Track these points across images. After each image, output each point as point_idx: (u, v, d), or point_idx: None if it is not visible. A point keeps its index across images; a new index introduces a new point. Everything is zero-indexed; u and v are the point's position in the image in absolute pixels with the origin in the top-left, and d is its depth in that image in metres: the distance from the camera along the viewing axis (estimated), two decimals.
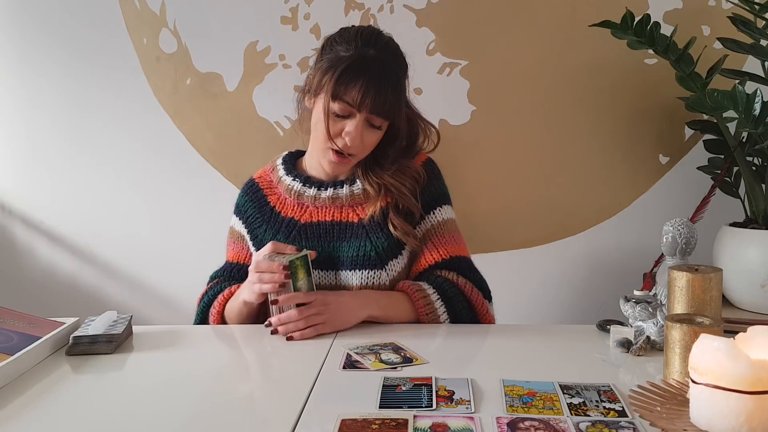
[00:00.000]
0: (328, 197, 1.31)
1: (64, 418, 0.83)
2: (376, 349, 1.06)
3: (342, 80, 1.20)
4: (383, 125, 1.26)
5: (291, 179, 1.34)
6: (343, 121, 1.23)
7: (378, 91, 1.20)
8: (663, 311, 1.04)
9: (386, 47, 1.26)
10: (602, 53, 1.77)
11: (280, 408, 0.86)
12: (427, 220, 1.31)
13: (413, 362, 1.00)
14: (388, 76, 1.22)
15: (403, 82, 1.28)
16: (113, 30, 1.85)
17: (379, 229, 1.28)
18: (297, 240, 1.29)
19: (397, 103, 1.23)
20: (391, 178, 1.29)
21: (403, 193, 1.29)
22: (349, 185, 1.32)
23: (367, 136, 1.25)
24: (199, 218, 1.89)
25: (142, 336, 1.16)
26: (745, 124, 1.48)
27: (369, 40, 1.24)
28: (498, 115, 1.82)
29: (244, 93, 1.85)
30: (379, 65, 1.21)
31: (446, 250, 1.29)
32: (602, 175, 1.84)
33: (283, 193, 1.34)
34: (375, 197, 1.29)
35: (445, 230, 1.32)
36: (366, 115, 1.22)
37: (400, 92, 1.25)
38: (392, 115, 1.24)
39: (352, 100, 1.20)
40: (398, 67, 1.26)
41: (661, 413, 0.75)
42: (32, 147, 1.91)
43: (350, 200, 1.31)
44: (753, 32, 1.53)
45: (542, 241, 1.86)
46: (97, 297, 1.92)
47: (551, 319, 1.87)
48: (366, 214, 1.29)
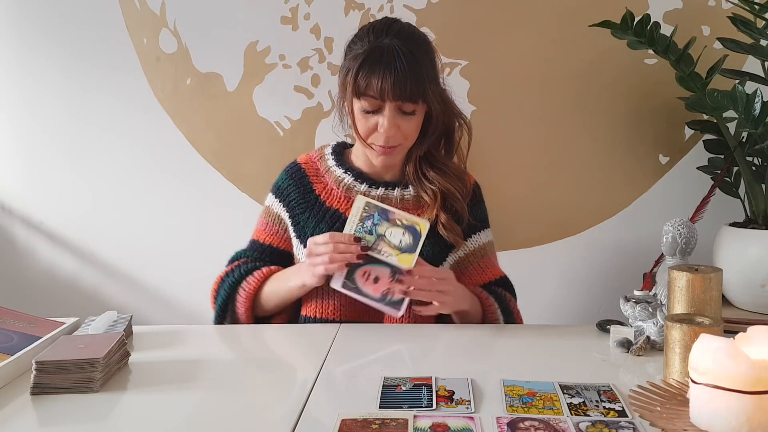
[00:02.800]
0: (377, 196, 1.30)
1: (65, 418, 0.84)
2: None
3: (361, 75, 1.20)
4: (417, 110, 1.24)
5: (342, 171, 1.34)
6: (375, 117, 1.23)
7: (398, 77, 1.18)
8: (663, 311, 1.04)
9: (399, 33, 1.24)
10: (602, 53, 1.77)
11: (280, 408, 0.86)
12: (473, 241, 1.36)
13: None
14: (406, 59, 1.19)
15: (426, 62, 1.25)
16: (113, 30, 1.85)
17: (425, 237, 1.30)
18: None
19: (421, 84, 1.21)
20: (445, 183, 1.31)
21: (456, 197, 1.31)
22: (401, 189, 1.32)
23: (403, 124, 1.23)
24: (200, 218, 1.89)
25: (142, 336, 1.16)
26: (745, 124, 1.48)
27: (382, 30, 1.24)
28: (498, 115, 1.82)
29: (244, 93, 1.85)
30: (394, 51, 1.20)
31: (495, 271, 1.39)
32: (602, 175, 1.84)
33: (331, 183, 1.34)
34: (432, 204, 1.30)
35: (490, 252, 1.40)
36: (394, 104, 1.21)
37: (422, 73, 1.22)
38: (419, 96, 1.22)
39: (375, 92, 1.19)
40: (415, 49, 1.23)
41: (661, 413, 0.75)
42: (32, 147, 1.91)
43: (399, 204, 1.30)
44: (753, 32, 1.53)
45: (542, 241, 1.86)
46: (97, 297, 1.92)
47: (551, 319, 1.87)
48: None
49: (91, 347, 0.94)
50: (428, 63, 1.25)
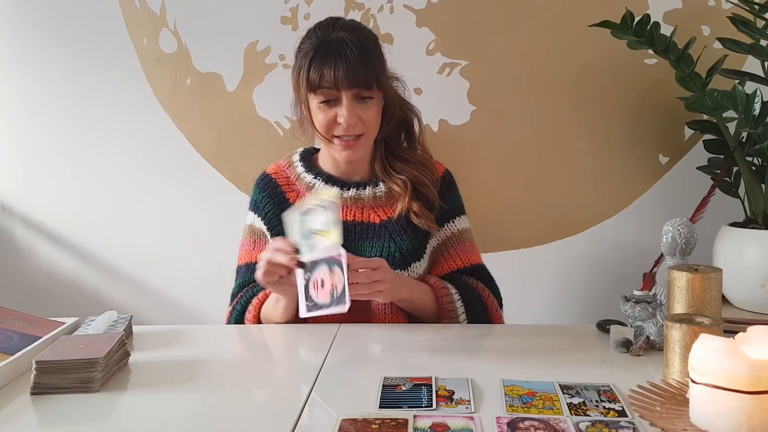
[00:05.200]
0: (350, 197, 1.31)
1: (65, 418, 0.84)
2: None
3: (313, 69, 1.21)
4: (374, 95, 1.25)
5: (312, 177, 1.34)
6: (333, 109, 1.24)
7: (350, 64, 1.20)
8: (663, 311, 1.04)
9: (345, 27, 1.25)
10: (602, 53, 1.77)
11: (280, 408, 0.86)
12: (447, 228, 1.35)
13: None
14: (356, 48, 1.21)
15: (376, 51, 1.26)
16: (113, 30, 1.85)
17: (403, 230, 1.30)
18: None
19: (374, 70, 1.22)
20: (412, 171, 1.31)
21: (425, 183, 1.32)
22: (372, 187, 1.32)
23: (362, 112, 1.24)
24: (200, 218, 1.89)
25: (142, 336, 1.16)
26: (745, 124, 1.48)
27: (328, 26, 1.26)
28: (498, 115, 1.82)
29: (244, 93, 1.85)
30: (342, 42, 1.21)
31: (468, 257, 1.34)
32: (602, 175, 1.84)
33: (303, 189, 1.34)
34: (403, 193, 1.30)
35: (464, 239, 1.36)
36: (351, 92, 1.22)
37: (374, 60, 1.24)
38: (374, 82, 1.22)
39: (330, 82, 1.20)
40: (364, 39, 1.24)
41: (661, 413, 0.76)
42: (33, 147, 1.91)
43: (372, 201, 1.32)
44: (753, 32, 1.53)
45: (542, 241, 1.86)
46: (97, 297, 1.92)
47: (551, 319, 1.87)
48: (394, 213, 1.31)
49: (91, 347, 0.94)
50: (378, 53, 1.27)
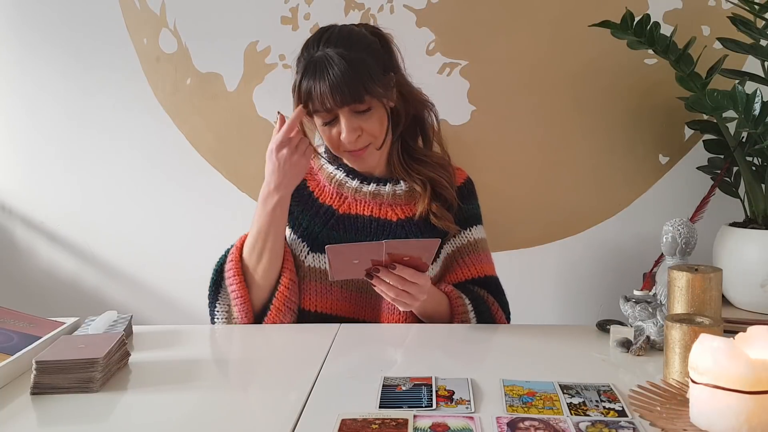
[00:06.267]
0: (369, 192, 1.31)
1: (65, 418, 0.84)
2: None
3: (304, 93, 1.21)
4: (371, 106, 1.23)
5: (334, 168, 1.34)
6: (335, 127, 1.24)
7: (333, 83, 1.18)
8: (663, 311, 1.04)
9: (329, 41, 1.22)
10: (602, 53, 1.77)
11: (280, 408, 0.86)
12: (463, 236, 1.34)
13: None
14: (336, 65, 1.18)
15: (364, 58, 1.21)
16: (113, 30, 1.85)
17: (420, 232, 1.30)
18: (334, 229, 1.30)
19: (359, 82, 1.19)
20: (429, 173, 1.31)
21: (443, 185, 1.32)
22: (393, 184, 1.32)
23: (363, 123, 1.23)
24: (200, 218, 1.89)
25: (142, 336, 1.16)
26: (745, 124, 1.48)
27: (314, 43, 1.24)
28: (498, 115, 1.82)
29: (244, 93, 1.85)
30: (324, 61, 1.19)
31: (481, 268, 1.34)
32: (602, 175, 1.84)
33: (323, 180, 1.35)
34: (423, 194, 1.30)
35: (480, 249, 1.36)
36: (346, 109, 1.21)
37: (360, 70, 1.19)
38: (363, 94, 1.20)
39: (323, 106, 1.20)
40: (347, 49, 1.20)
41: (661, 413, 0.76)
42: (33, 147, 1.91)
43: (391, 199, 1.32)
44: (753, 32, 1.53)
45: (542, 241, 1.86)
46: (97, 297, 1.92)
47: (551, 319, 1.87)
48: (411, 213, 1.31)
49: (91, 347, 0.94)
50: (367, 59, 1.22)
